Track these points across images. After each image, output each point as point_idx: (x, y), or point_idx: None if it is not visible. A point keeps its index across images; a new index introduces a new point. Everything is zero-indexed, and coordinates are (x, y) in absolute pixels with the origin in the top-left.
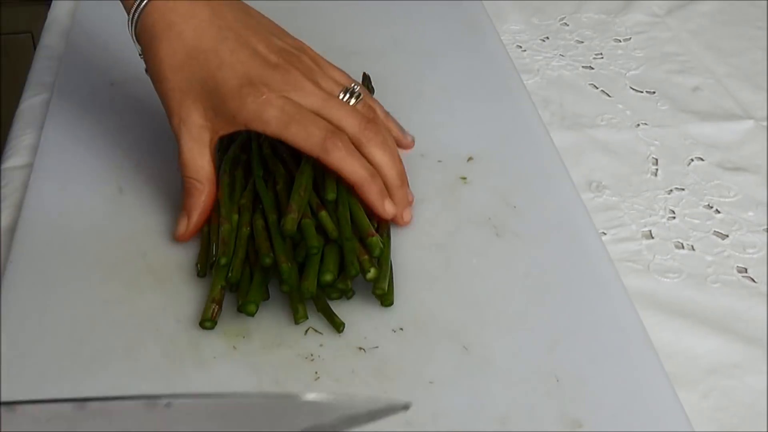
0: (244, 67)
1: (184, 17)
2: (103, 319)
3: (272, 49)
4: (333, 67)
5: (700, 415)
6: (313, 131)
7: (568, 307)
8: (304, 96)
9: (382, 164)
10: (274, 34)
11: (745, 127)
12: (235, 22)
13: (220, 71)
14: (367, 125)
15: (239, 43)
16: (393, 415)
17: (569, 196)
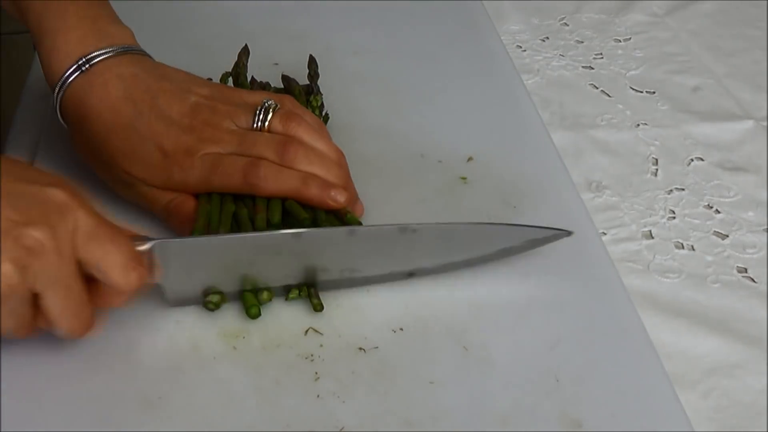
0: (162, 138)
1: (100, 98)
2: None
3: (185, 111)
4: (246, 92)
5: (700, 415)
6: (233, 172)
7: (568, 307)
8: (220, 146)
9: (316, 173)
10: (187, 90)
11: (745, 127)
12: (147, 93)
13: (142, 146)
14: (286, 148)
15: (154, 115)
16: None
17: (569, 196)
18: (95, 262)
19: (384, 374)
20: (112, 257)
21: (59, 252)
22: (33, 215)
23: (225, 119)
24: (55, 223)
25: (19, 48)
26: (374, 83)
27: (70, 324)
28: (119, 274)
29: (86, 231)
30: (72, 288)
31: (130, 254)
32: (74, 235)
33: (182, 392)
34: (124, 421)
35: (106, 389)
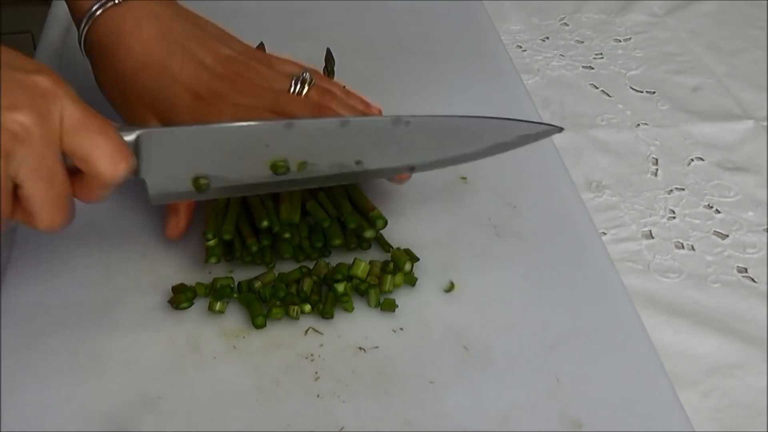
0: (194, 81)
1: (132, 33)
2: (103, 318)
3: (219, 59)
4: (281, 60)
5: (700, 415)
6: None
7: (568, 307)
8: (254, 99)
9: None
10: (222, 41)
11: (745, 127)
12: (183, 34)
13: (172, 86)
14: (320, 112)
15: (187, 57)
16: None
17: (569, 196)
18: (83, 152)
19: (384, 374)
20: (101, 148)
21: (45, 140)
22: (19, 101)
23: (259, 77)
24: (42, 110)
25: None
26: (374, 83)
27: (51, 216)
28: (107, 165)
29: (73, 120)
30: (55, 178)
31: (118, 145)
32: (61, 123)
33: (182, 392)
34: (124, 421)
35: (106, 389)
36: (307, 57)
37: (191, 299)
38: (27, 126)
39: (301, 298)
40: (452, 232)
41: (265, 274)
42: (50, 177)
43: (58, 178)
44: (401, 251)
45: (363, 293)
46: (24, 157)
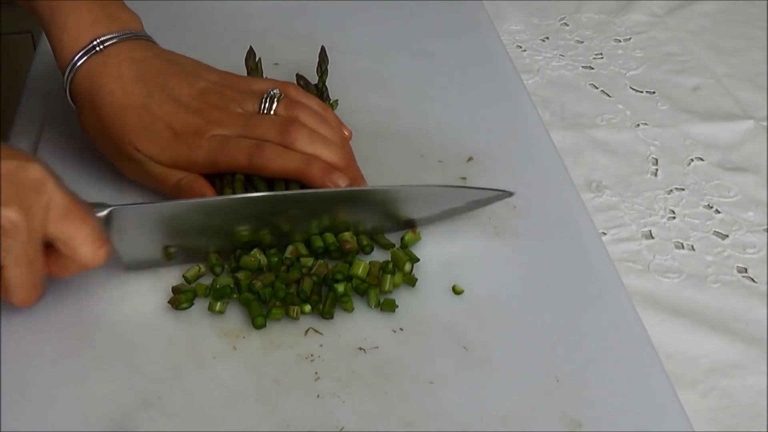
0: (172, 118)
1: (113, 77)
2: (103, 318)
3: (194, 93)
4: (254, 80)
5: (700, 415)
6: (238, 153)
7: (568, 307)
8: (226, 128)
9: (317, 155)
10: (196, 75)
11: (745, 127)
12: (159, 75)
13: (152, 125)
14: (288, 128)
15: (165, 96)
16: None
17: (569, 196)
18: (65, 238)
19: (384, 374)
20: (82, 235)
21: (30, 230)
22: (8, 195)
23: (232, 103)
24: (30, 203)
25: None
26: (374, 83)
27: (26, 294)
28: (88, 251)
29: (59, 209)
30: (35, 263)
31: (99, 232)
32: (46, 213)
33: (182, 392)
34: (124, 421)
35: (106, 389)
36: (305, 57)
37: (191, 299)
38: (15, 221)
39: (301, 298)
40: (452, 232)
41: (265, 275)
42: (30, 263)
43: (37, 264)
44: (401, 251)
45: (363, 293)
46: (9, 246)
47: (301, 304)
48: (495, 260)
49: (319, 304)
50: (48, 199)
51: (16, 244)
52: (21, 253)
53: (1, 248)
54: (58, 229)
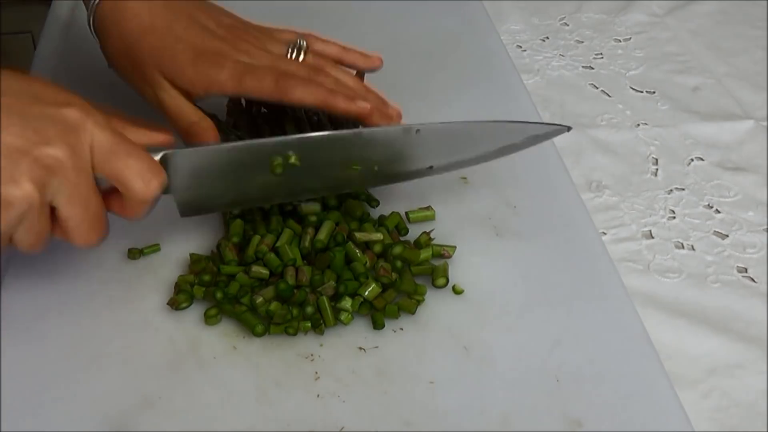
0: (197, 40)
1: (139, 1)
2: (103, 318)
3: (221, 24)
4: (279, 29)
5: (700, 415)
6: (265, 77)
7: (568, 307)
8: (253, 59)
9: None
10: (224, 13)
11: (745, 127)
12: (188, 4)
13: (175, 45)
14: (316, 72)
15: (191, 21)
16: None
17: (569, 196)
18: (116, 174)
19: (384, 374)
20: (133, 169)
21: (77, 169)
22: (50, 135)
23: (258, 41)
24: (72, 142)
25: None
26: (374, 83)
27: (86, 234)
28: (140, 185)
29: (104, 147)
30: (90, 202)
31: (149, 164)
32: (92, 151)
33: (182, 392)
34: (124, 421)
35: (106, 389)
36: None
37: (190, 300)
38: (59, 158)
39: (303, 316)
40: (452, 232)
41: (267, 290)
42: (84, 201)
43: (92, 201)
44: (421, 286)
45: (366, 314)
46: (59, 185)
47: (302, 323)
48: (495, 260)
49: (320, 321)
50: (90, 138)
51: (65, 182)
52: (72, 191)
53: (49, 188)
54: (107, 167)
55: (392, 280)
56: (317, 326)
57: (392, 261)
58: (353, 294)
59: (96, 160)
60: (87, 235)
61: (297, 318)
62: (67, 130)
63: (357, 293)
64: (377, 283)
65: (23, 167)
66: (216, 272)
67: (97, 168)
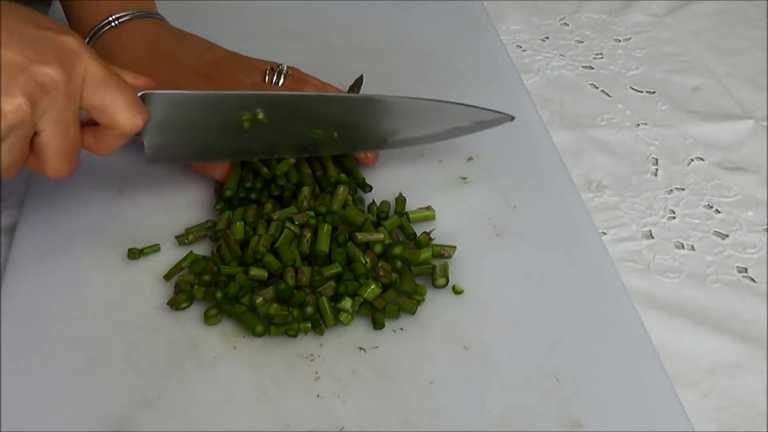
0: (181, 82)
1: (125, 49)
2: (103, 318)
3: (203, 63)
4: (261, 61)
5: (700, 415)
6: None
7: (568, 307)
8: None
9: None
10: (206, 48)
11: (745, 127)
12: (171, 47)
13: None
14: None
15: (175, 64)
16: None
17: (569, 196)
18: (104, 105)
19: (384, 374)
20: (120, 103)
21: (68, 93)
22: (48, 56)
23: (239, 74)
24: (68, 66)
25: None
26: (374, 83)
27: (60, 164)
28: (126, 117)
29: (96, 78)
30: (70, 130)
31: (135, 101)
32: (84, 80)
33: (182, 392)
34: (124, 421)
35: (106, 389)
36: (305, 56)
37: (190, 299)
38: (54, 78)
39: (303, 317)
40: (452, 232)
41: (267, 290)
42: (66, 128)
43: (73, 130)
44: (421, 287)
45: (366, 314)
46: (47, 107)
47: (302, 323)
48: (495, 260)
49: (320, 321)
50: (85, 67)
51: (54, 105)
52: (58, 116)
53: (40, 107)
54: (96, 97)
55: (392, 281)
56: (317, 326)
57: (392, 261)
58: (353, 294)
59: (87, 89)
60: (60, 165)
61: (297, 319)
62: (65, 55)
63: (357, 293)
64: (377, 284)
65: (20, 81)
66: (216, 272)
67: (85, 98)
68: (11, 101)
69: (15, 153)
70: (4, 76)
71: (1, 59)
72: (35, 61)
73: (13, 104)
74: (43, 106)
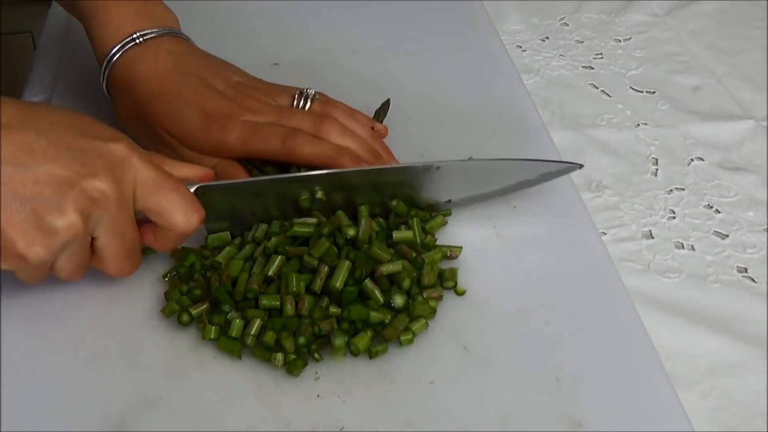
0: (205, 102)
1: (149, 67)
2: (103, 318)
3: (229, 84)
4: (285, 87)
5: (700, 415)
6: (272, 137)
7: (568, 307)
8: (260, 116)
9: (348, 146)
10: (232, 71)
11: (745, 127)
12: (195, 66)
13: (184, 108)
14: (322, 120)
15: (199, 83)
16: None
17: (569, 196)
18: (159, 209)
19: (384, 374)
20: (175, 204)
21: (120, 203)
22: (97, 168)
23: (266, 96)
24: (117, 176)
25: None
26: (374, 83)
27: (120, 265)
28: (182, 219)
29: (147, 182)
30: (127, 234)
31: (190, 200)
32: (135, 186)
33: (182, 392)
34: (124, 421)
35: (106, 389)
36: (305, 57)
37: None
38: (104, 192)
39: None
40: (452, 233)
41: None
42: (122, 234)
43: (129, 234)
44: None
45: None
46: (101, 217)
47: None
48: (495, 260)
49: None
50: (135, 173)
51: (107, 215)
52: (112, 223)
53: (92, 219)
54: (150, 201)
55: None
56: (303, 358)
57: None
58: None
59: (139, 194)
60: (121, 266)
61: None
62: (113, 165)
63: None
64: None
65: (70, 198)
66: (206, 287)
67: (138, 202)
68: (63, 218)
69: (75, 260)
70: (55, 193)
71: (51, 176)
72: (84, 175)
73: (65, 221)
74: (95, 217)
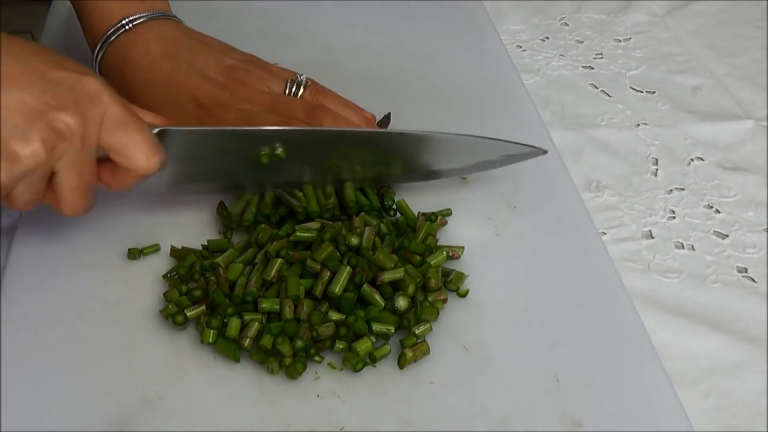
0: (198, 91)
1: (141, 53)
2: (103, 318)
3: (222, 69)
4: (279, 68)
5: (700, 415)
6: (266, 126)
7: (568, 307)
8: (253, 104)
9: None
10: (224, 53)
11: (745, 127)
12: (187, 51)
13: (177, 97)
14: (315, 109)
15: (192, 71)
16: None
17: (569, 196)
18: (120, 147)
19: (384, 374)
20: (137, 144)
21: (84, 137)
22: (67, 101)
23: (258, 82)
24: (86, 111)
25: None
26: (374, 83)
27: (75, 203)
28: (142, 159)
29: (114, 120)
30: (86, 171)
31: (152, 141)
32: (102, 122)
33: (182, 392)
34: (124, 421)
35: (106, 389)
36: (305, 57)
37: (183, 321)
38: (71, 126)
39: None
40: (452, 232)
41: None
42: (82, 170)
43: (88, 170)
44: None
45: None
46: (64, 151)
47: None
48: (495, 261)
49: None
50: (104, 109)
51: (70, 149)
52: (73, 159)
53: (55, 152)
54: (113, 138)
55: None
56: (301, 361)
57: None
58: (350, 341)
59: (104, 130)
60: (76, 203)
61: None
62: (84, 100)
63: (351, 346)
64: (371, 341)
65: (37, 127)
66: (205, 286)
67: (103, 138)
68: (27, 146)
69: (32, 191)
70: (22, 120)
71: (20, 104)
72: (54, 107)
73: (29, 149)
74: (59, 151)
